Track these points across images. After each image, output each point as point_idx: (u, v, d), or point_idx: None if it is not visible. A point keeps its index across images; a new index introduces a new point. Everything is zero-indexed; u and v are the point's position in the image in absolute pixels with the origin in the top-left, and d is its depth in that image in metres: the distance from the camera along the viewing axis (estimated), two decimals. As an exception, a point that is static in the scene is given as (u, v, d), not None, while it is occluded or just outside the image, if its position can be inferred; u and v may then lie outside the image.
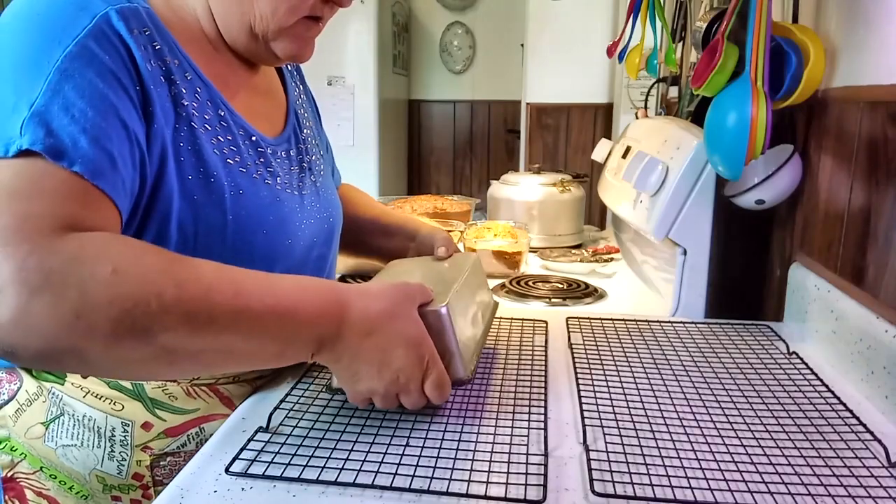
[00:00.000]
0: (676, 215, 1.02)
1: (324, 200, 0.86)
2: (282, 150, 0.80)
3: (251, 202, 0.71)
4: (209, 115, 0.70)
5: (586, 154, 2.57)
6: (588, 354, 0.86)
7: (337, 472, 0.59)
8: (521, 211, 1.58)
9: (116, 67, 0.61)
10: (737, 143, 0.85)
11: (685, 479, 0.57)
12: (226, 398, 0.77)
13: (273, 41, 0.74)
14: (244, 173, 0.72)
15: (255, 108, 0.78)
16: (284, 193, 0.77)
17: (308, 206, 0.81)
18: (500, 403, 0.72)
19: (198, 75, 0.70)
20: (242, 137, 0.73)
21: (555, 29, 2.95)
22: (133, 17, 0.63)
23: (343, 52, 3.36)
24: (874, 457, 0.62)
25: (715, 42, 0.90)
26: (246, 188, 0.71)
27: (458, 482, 0.57)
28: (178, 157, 0.66)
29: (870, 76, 0.81)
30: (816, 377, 0.79)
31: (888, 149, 0.77)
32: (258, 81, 0.82)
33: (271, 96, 0.84)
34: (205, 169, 0.68)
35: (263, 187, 0.74)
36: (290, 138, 0.83)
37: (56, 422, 0.74)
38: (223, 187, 0.69)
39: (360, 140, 3.43)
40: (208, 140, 0.69)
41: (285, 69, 0.91)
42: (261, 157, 0.75)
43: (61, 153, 0.55)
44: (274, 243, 0.73)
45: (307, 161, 0.85)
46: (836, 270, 0.88)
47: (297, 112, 0.88)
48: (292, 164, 0.81)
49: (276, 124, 0.82)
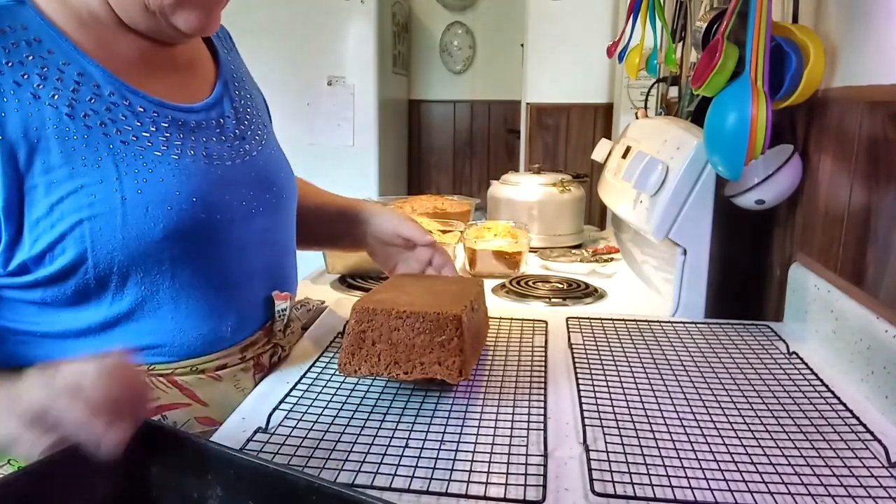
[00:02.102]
0: (676, 215, 1.02)
1: (262, 169, 0.83)
2: (201, 117, 0.78)
3: (149, 180, 0.69)
4: (94, 98, 0.69)
5: (586, 154, 2.57)
6: (588, 354, 0.86)
7: (336, 472, 0.59)
8: (521, 211, 1.58)
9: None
10: (737, 143, 0.85)
11: (685, 479, 0.57)
12: (185, 389, 0.76)
13: (172, 15, 0.72)
14: (140, 151, 0.70)
15: (170, 82, 0.76)
16: (200, 165, 0.74)
17: (238, 175, 0.79)
18: (499, 403, 0.72)
19: (79, 61, 0.69)
20: (140, 115, 0.71)
21: (555, 29, 2.95)
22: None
23: (343, 52, 3.36)
24: (874, 457, 0.62)
25: (715, 42, 0.90)
26: (141, 168, 0.70)
27: (457, 483, 0.57)
28: (58, 152, 0.66)
29: (870, 76, 0.81)
30: (816, 377, 0.79)
31: (888, 149, 0.77)
32: (175, 55, 0.79)
33: (194, 68, 0.82)
34: (89, 157, 0.67)
35: (165, 162, 0.71)
36: (220, 104, 0.81)
37: None
38: (111, 171, 0.68)
39: (360, 140, 3.42)
40: (93, 125, 0.68)
41: (218, 43, 0.89)
42: (172, 126, 0.73)
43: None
44: (184, 216, 0.71)
45: (240, 130, 0.82)
46: (836, 270, 0.88)
47: (230, 82, 0.85)
48: (224, 131, 0.79)
49: (198, 94, 0.80)
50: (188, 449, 0.49)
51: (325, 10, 3.24)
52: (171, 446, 0.49)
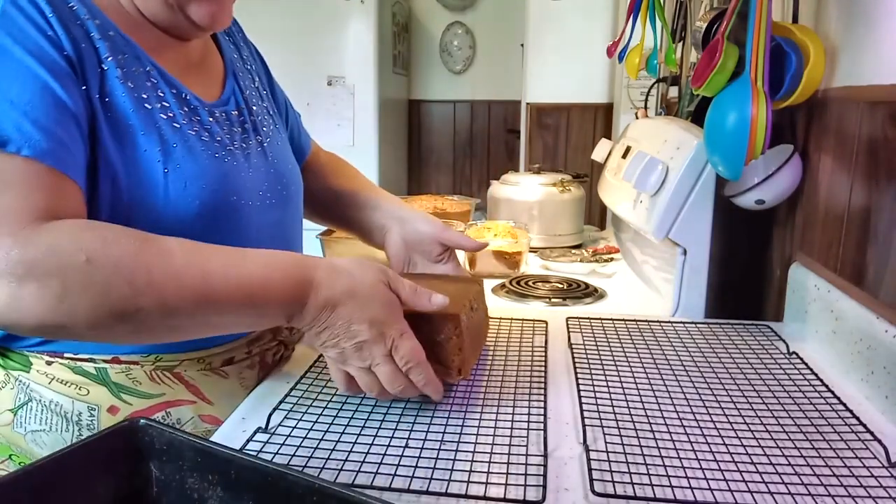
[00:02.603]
0: (676, 215, 1.02)
1: (273, 160, 0.84)
2: (218, 111, 0.79)
3: (187, 155, 0.71)
4: (137, 70, 0.70)
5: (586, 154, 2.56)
6: (588, 354, 0.86)
7: (336, 472, 0.59)
8: (521, 211, 1.58)
9: (40, 35, 0.62)
10: (737, 143, 0.85)
11: (685, 479, 0.57)
12: (191, 385, 0.76)
13: (186, 7, 0.73)
14: (177, 128, 0.71)
15: (186, 78, 0.78)
16: (224, 151, 0.76)
17: (253, 165, 0.80)
18: (499, 404, 0.72)
19: (121, 35, 0.70)
20: (174, 95, 0.73)
21: (555, 29, 2.95)
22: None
23: (343, 52, 3.36)
24: (874, 457, 0.62)
25: (715, 42, 0.90)
26: (180, 142, 0.71)
27: (457, 483, 0.57)
28: (106, 113, 0.66)
29: (870, 76, 0.81)
30: (816, 377, 0.79)
31: (888, 149, 0.77)
32: (189, 52, 0.81)
33: (206, 67, 0.83)
34: (135, 123, 0.68)
35: (199, 142, 0.73)
36: (230, 101, 0.82)
37: (24, 408, 0.75)
38: (156, 142, 0.69)
39: (360, 140, 3.42)
40: (138, 95, 0.69)
41: (221, 35, 0.90)
42: (195, 114, 0.75)
43: (6, 142, 0.58)
44: (218, 199, 0.73)
45: (251, 121, 0.83)
46: (836, 270, 0.88)
47: (237, 74, 0.86)
48: (233, 125, 0.80)
49: (212, 91, 0.82)
50: (188, 449, 0.49)
51: (325, 10, 3.24)
52: (171, 446, 0.49)
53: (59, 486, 0.46)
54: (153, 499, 0.50)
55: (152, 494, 0.50)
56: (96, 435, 0.49)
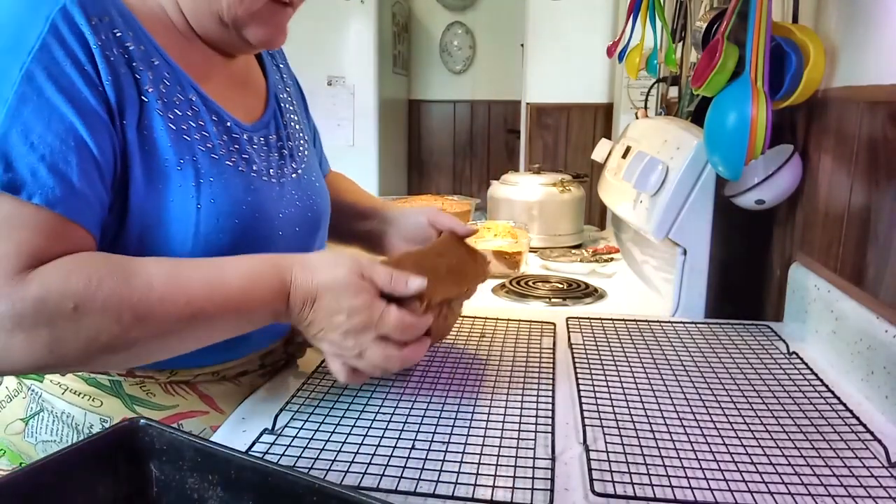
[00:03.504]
0: (676, 215, 1.02)
1: (306, 188, 0.83)
2: (259, 136, 0.78)
3: (222, 190, 0.70)
4: (178, 99, 0.69)
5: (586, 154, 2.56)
6: (588, 354, 0.86)
7: (342, 475, 0.59)
8: (521, 211, 1.58)
9: (76, 72, 0.61)
10: (737, 143, 0.85)
11: (685, 479, 0.57)
12: (205, 396, 0.77)
13: (244, 28, 0.72)
14: (216, 160, 0.70)
15: (230, 97, 0.77)
16: (260, 181, 0.75)
17: (287, 194, 0.79)
18: (507, 406, 0.72)
19: (165, 61, 0.69)
20: (215, 123, 0.72)
21: (555, 29, 2.95)
22: (92, 5, 0.63)
23: (343, 52, 3.36)
24: (874, 457, 0.62)
25: (715, 42, 0.90)
26: (216, 176, 0.70)
27: (463, 486, 0.57)
28: (142, 147, 0.65)
29: (870, 76, 0.81)
30: (816, 377, 0.79)
31: (888, 149, 0.77)
32: (234, 70, 0.80)
33: (249, 84, 0.83)
34: (171, 157, 0.67)
35: (236, 175, 0.72)
36: (270, 124, 0.81)
37: (35, 418, 0.75)
38: (191, 176, 0.68)
39: (360, 140, 3.43)
40: (177, 126, 0.68)
41: (265, 54, 0.89)
42: (235, 143, 0.74)
43: (20, 187, 0.58)
44: (249, 232, 0.72)
45: (288, 148, 0.83)
46: (836, 270, 0.88)
47: (278, 97, 0.86)
48: (271, 150, 0.79)
49: (253, 112, 0.81)
50: (188, 449, 0.49)
51: (325, 10, 3.25)
52: (171, 446, 0.49)
53: (59, 486, 0.46)
54: (153, 499, 0.50)
55: (152, 495, 0.50)
56: (96, 435, 0.49)
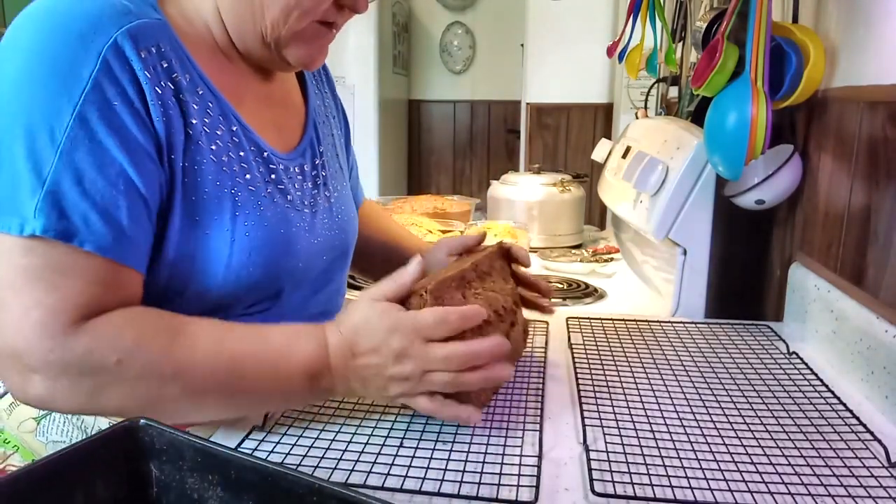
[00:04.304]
0: (676, 215, 1.02)
1: (336, 218, 0.83)
2: (295, 165, 0.78)
3: (257, 223, 0.70)
4: (221, 130, 0.69)
5: (586, 154, 2.56)
6: (588, 354, 0.86)
7: (330, 471, 0.59)
8: (521, 211, 1.58)
9: (127, 110, 0.61)
10: (737, 143, 0.85)
11: (685, 479, 0.57)
12: None
13: (285, 48, 0.72)
14: (253, 192, 0.70)
15: (267, 119, 0.77)
16: (294, 212, 0.75)
17: (319, 223, 0.79)
18: (495, 404, 0.72)
19: (210, 90, 0.69)
20: (254, 153, 0.72)
21: (555, 29, 2.95)
22: (143, 36, 0.62)
23: (343, 52, 3.36)
24: (874, 457, 0.62)
25: (715, 42, 0.90)
26: (252, 209, 0.70)
27: (449, 483, 0.57)
28: (184, 179, 0.65)
29: (870, 76, 0.81)
30: (816, 377, 0.79)
31: (888, 149, 0.77)
32: (273, 90, 0.80)
33: (288, 106, 0.82)
34: (211, 190, 0.67)
35: (271, 206, 0.72)
36: (306, 152, 0.81)
37: (47, 418, 0.75)
38: (228, 209, 0.68)
39: (360, 140, 3.43)
40: (218, 158, 0.68)
41: (309, 78, 0.88)
42: (272, 173, 0.73)
43: (72, 234, 0.59)
44: (279, 262, 0.72)
45: (322, 176, 0.82)
46: (836, 270, 0.88)
47: (317, 123, 0.85)
48: (305, 179, 0.79)
49: (290, 135, 0.80)
50: (188, 449, 0.49)
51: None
52: (171, 446, 0.49)
53: (60, 485, 0.46)
54: (153, 499, 0.50)
55: (152, 494, 0.50)
56: (96, 435, 0.49)
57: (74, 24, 0.60)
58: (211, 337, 0.62)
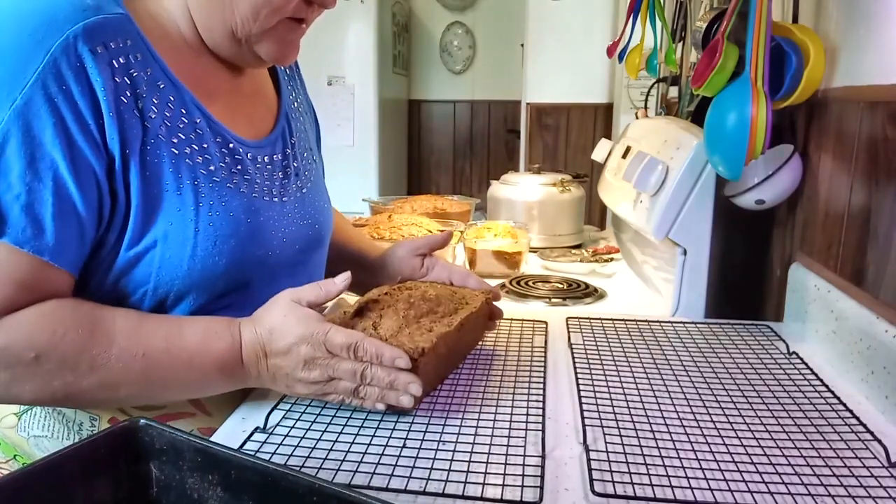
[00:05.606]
0: (676, 215, 1.02)
1: (309, 206, 0.84)
2: (264, 154, 0.78)
3: (221, 213, 0.71)
4: (183, 123, 0.69)
5: (586, 154, 2.56)
6: (588, 354, 0.86)
7: (333, 472, 0.59)
8: (521, 211, 1.58)
9: (68, 108, 0.61)
10: (737, 143, 0.85)
11: (685, 479, 0.57)
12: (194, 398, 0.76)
13: (256, 44, 0.73)
14: (217, 183, 0.71)
15: (237, 111, 0.77)
16: (261, 201, 0.75)
17: (289, 212, 0.79)
18: (498, 404, 0.72)
19: (172, 83, 0.69)
20: (219, 145, 0.72)
21: (555, 29, 2.95)
22: (100, 32, 0.63)
23: (343, 52, 3.36)
24: (874, 457, 0.62)
25: (715, 42, 0.90)
26: (216, 199, 0.70)
27: (454, 483, 0.57)
28: (144, 173, 0.66)
29: (870, 76, 0.81)
30: (816, 377, 0.79)
31: (888, 149, 0.77)
32: (242, 83, 0.80)
33: (258, 99, 0.83)
34: (171, 182, 0.68)
35: (236, 196, 0.72)
36: (277, 142, 0.81)
37: (28, 413, 0.76)
38: (190, 201, 0.68)
39: (360, 140, 3.43)
40: (180, 150, 0.68)
41: (282, 72, 0.89)
42: (237, 164, 0.74)
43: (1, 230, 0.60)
44: (246, 252, 0.73)
45: (294, 167, 0.82)
46: (836, 270, 0.88)
47: (290, 115, 0.86)
48: (275, 169, 0.79)
49: (261, 126, 0.81)
50: (188, 449, 0.49)
51: (325, 11, 3.24)
52: (171, 446, 0.49)
53: (59, 486, 0.46)
54: (153, 499, 0.50)
55: (152, 494, 0.50)
56: (96, 435, 0.49)
57: (29, 21, 0.61)
58: (127, 331, 0.64)
